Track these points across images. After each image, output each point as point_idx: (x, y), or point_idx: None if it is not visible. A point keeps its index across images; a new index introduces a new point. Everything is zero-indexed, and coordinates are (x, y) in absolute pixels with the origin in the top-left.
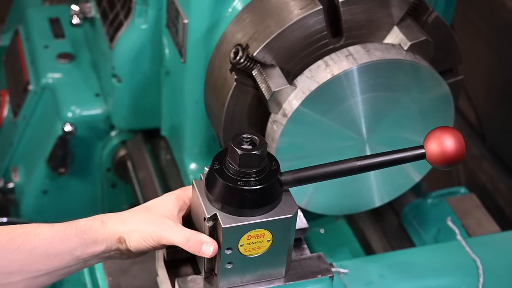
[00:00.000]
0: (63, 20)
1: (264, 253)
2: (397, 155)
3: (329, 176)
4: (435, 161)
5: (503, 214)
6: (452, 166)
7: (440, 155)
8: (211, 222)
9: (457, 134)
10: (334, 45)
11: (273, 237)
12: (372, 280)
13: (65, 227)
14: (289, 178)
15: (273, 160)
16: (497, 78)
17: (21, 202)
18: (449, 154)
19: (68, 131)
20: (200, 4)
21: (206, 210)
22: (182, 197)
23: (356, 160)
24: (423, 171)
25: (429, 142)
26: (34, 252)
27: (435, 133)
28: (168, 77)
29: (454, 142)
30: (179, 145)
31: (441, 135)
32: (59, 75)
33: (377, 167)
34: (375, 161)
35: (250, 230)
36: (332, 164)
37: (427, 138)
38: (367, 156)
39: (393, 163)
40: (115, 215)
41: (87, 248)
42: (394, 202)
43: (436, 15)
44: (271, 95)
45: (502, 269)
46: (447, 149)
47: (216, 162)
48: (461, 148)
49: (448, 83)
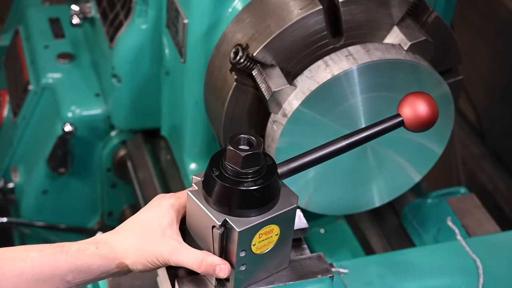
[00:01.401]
0: (63, 20)
1: (273, 247)
2: (379, 127)
3: (321, 159)
4: (412, 125)
5: (503, 214)
6: (428, 128)
7: (415, 118)
8: (222, 229)
9: (426, 96)
10: (334, 45)
11: (280, 230)
12: (372, 280)
13: (55, 252)
14: (285, 169)
15: (266, 156)
16: (497, 78)
17: (21, 202)
18: (423, 116)
19: (68, 131)
20: (200, 4)
21: (214, 217)
22: (176, 207)
23: (343, 139)
24: (423, 171)
25: (403, 108)
26: (21, 277)
27: (407, 99)
28: (168, 77)
29: (426, 106)
30: (179, 145)
31: (414, 100)
32: (59, 75)
33: (363, 142)
34: (360, 137)
35: (261, 228)
36: (322, 148)
37: (400, 104)
38: (351, 134)
39: (376, 135)
40: (111, 238)
41: (78, 275)
42: (394, 202)
43: (436, 15)
44: (271, 95)
45: (502, 269)
46: (421, 113)
47: (213, 168)
48: (434, 109)
49: (448, 83)
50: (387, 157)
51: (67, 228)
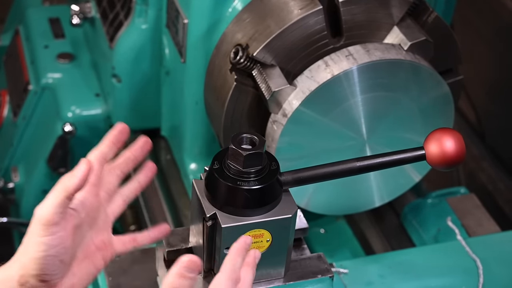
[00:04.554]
0: (63, 20)
1: (263, 253)
2: (397, 156)
3: (329, 176)
4: (435, 162)
5: (503, 214)
6: (452, 168)
7: (440, 156)
8: (210, 222)
9: (457, 135)
10: (334, 45)
11: (272, 237)
12: (372, 280)
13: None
14: (289, 178)
15: (273, 160)
16: (497, 78)
17: (21, 202)
18: (449, 156)
19: (68, 131)
20: (200, 4)
21: (206, 209)
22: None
23: (356, 161)
24: (423, 171)
25: (429, 143)
26: None
27: (435, 134)
28: (168, 77)
29: (454, 144)
30: (179, 145)
31: (442, 137)
32: (59, 75)
33: (377, 168)
34: (375, 162)
35: (249, 230)
36: (332, 165)
37: (427, 139)
38: (367, 157)
39: (393, 164)
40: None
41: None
42: (394, 202)
43: (436, 15)
44: (271, 95)
45: (502, 269)
46: (447, 150)
47: (215, 162)
48: (461, 149)
49: (448, 83)
50: None
51: None
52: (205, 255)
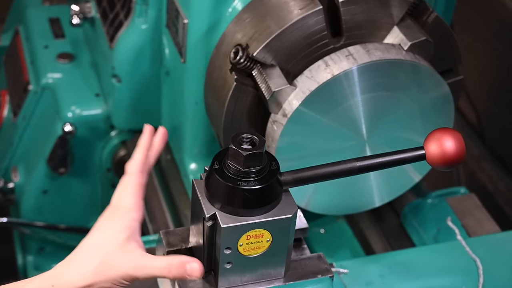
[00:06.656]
0: (63, 20)
1: (264, 253)
2: (397, 156)
3: (329, 176)
4: (435, 162)
5: (503, 214)
6: (452, 168)
7: (440, 156)
8: (210, 222)
9: (457, 135)
10: (334, 45)
11: (272, 237)
12: (372, 280)
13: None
14: (289, 178)
15: (273, 160)
16: (497, 78)
17: (21, 202)
18: (449, 156)
19: (68, 131)
20: (200, 4)
21: (205, 209)
22: (131, 217)
23: (356, 161)
24: (423, 171)
25: (429, 143)
26: None
27: (435, 134)
28: (168, 77)
29: (454, 143)
30: (179, 145)
31: (442, 136)
32: (59, 75)
33: (377, 168)
34: (375, 162)
35: (249, 230)
36: (332, 165)
37: (427, 139)
38: (367, 157)
39: (393, 164)
40: (66, 270)
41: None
42: (394, 202)
43: (436, 15)
44: (271, 95)
45: (502, 269)
46: (447, 150)
47: (216, 161)
48: (461, 149)
49: (448, 83)
50: None
51: (67, 228)
52: (205, 255)
